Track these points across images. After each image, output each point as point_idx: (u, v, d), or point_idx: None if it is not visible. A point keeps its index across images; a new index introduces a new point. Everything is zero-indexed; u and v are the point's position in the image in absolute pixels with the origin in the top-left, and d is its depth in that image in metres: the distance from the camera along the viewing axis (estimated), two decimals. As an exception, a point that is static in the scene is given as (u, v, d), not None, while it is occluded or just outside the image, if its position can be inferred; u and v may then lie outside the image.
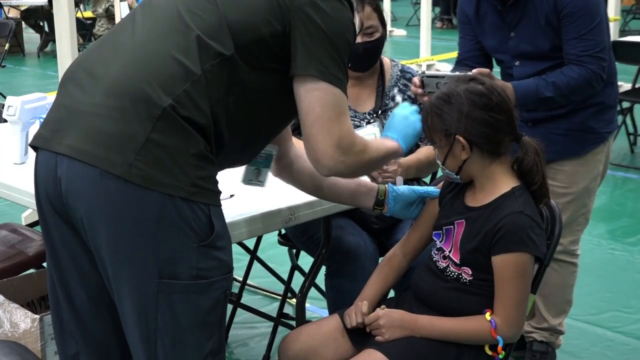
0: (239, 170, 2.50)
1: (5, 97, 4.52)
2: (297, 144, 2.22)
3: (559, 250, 2.91)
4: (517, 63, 2.84)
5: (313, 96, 1.82)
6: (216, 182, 1.80)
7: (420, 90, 2.51)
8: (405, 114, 2.16)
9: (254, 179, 2.17)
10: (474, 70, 2.46)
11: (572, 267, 3.02)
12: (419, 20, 10.88)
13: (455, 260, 2.10)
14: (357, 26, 1.98)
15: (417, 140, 2.23)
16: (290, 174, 2.25)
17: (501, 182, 2.08)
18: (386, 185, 2.30)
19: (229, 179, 2.19)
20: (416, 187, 2.32)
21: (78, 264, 1.85)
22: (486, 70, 2.48)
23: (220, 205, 1.80)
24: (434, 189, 2.29)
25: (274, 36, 1.80)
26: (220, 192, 1.80)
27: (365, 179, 2.43)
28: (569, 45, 2.69)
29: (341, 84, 1.85)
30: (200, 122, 1.73)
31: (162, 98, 1.70)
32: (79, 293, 1.88)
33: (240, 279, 3.54)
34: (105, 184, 1.69)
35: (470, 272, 2.07)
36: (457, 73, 2.49)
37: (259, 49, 1.80)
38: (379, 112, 2.89)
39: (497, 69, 2.90)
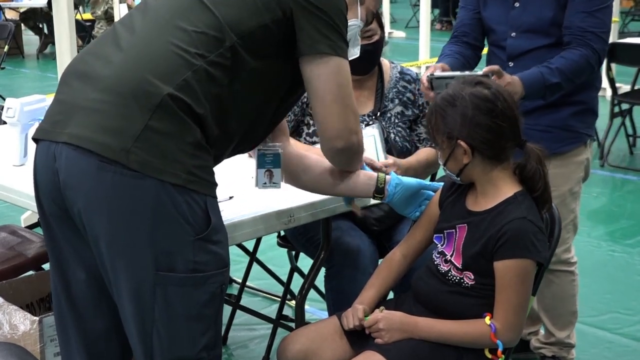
0: (239, 171, 2.51)
1: (4, 99, 4.52)
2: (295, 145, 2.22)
3: (553, 261, 2.89)
4: (513, 34, 2.80)
5: (328, 75, 1.89)
6: (212, 172, 1.81)
7: (430, 93, 2.50)
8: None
9: (267, 182, 2.14)
10: (485, 69, 2.45)
11: (571, 275, 2.95)
12: (418, 22, 10.87)
13: (457, 265, 2.09)
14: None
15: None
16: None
17: (503, 187, 2.07)
18: (387, 174, 2.23)
19: (229, 180, 2.19)
20: (420, 180, 2.29)
21: (81, 257, 1.86)
22: (495, 67, 2.47)
23: (216, 197, 1.81)
24: (437, 183, 2.27)
25: (276, 21, 1.84)
26: (216, 184, 1.81)
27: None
28: (578, 18, 2.66)
29: (346, 53, 1.93)
30: (199, 111, 1.75)
31: (161, 87, 1.73)
32: (81, 288, 1.89)
33: (240, 280, 3.54)
34: (102, 174, 1.70)
35: (472, 277, 2.07)
36: (467, 72, 2.47)
37: (261, 36, 1.83)
38: (378, 114, 2.89)
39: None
